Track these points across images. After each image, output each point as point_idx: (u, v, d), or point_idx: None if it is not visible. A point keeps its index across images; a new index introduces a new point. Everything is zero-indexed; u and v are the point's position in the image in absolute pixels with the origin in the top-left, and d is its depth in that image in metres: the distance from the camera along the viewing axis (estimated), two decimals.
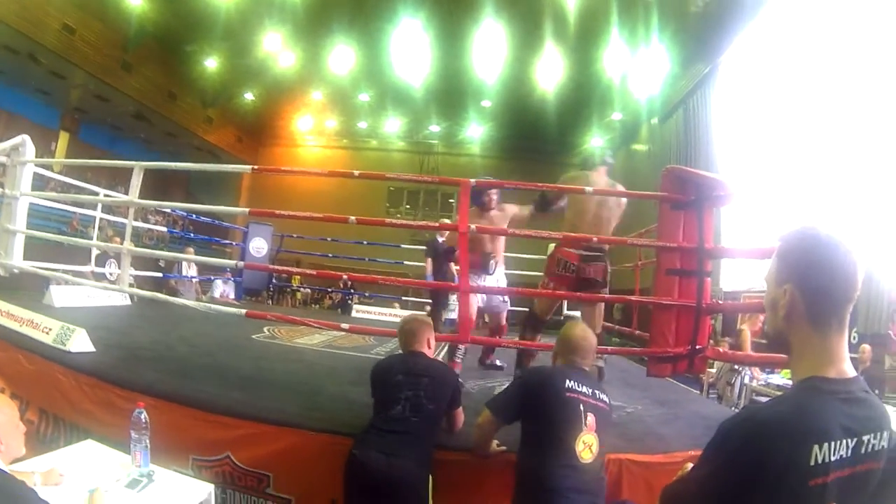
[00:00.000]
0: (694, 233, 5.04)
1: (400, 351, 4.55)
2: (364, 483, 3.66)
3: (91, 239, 11.77)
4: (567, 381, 3.63)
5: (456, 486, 4.10)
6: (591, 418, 3.54)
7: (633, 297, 5.67)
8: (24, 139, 7.85)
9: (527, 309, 6.84)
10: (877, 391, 9.04)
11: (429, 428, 3.95)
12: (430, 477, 3.75)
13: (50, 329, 6.03)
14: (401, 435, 3.78)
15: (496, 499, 3.81)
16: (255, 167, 7.06)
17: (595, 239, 5.68)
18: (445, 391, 4.15)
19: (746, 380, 10.94)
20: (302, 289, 27.38)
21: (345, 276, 4.44)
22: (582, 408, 3.55)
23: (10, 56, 23.33)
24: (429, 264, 10.93)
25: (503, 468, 3.89)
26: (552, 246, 6.39)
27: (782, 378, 10.33)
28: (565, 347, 3.99)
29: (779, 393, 9.89)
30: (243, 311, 6.61)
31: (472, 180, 5.58)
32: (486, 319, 8.72)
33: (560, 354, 4.02)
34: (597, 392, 3.70)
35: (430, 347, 4.47)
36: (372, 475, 3.62)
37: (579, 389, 3.62)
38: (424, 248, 11.79)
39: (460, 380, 4.77)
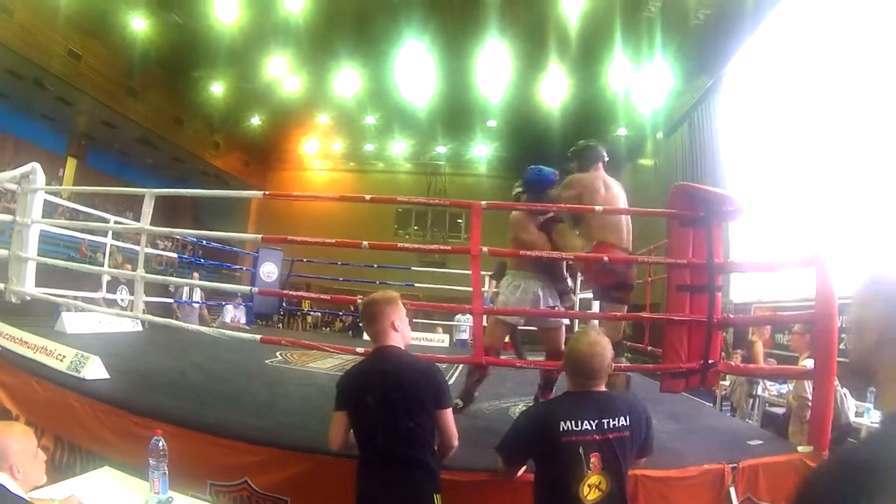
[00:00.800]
0: (703, 248, 5.06)
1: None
2: (368, 498, 3.60)
3: (101, 265, 11.81)
4: (563, 424, 3.37)
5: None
6: (594, 459, 3.31)
7: (644, 315, 5.65)
8: (35, 167, 7.88)
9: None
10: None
11: (417, 449, 3.61)
12: (439, 496, 3.57)
13: (64, 356, 6.03)
14: (389, 461, 3.56)
15: None
16: (267, 193, 7.11)
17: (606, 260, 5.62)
18: (423, 394, 3.68)
19: (759, 391, 10.92)
20: (312, 312, 27.34)
21: (359, 300, 4.41)
22: (582, 451, 3.31)
23: (16, 82, 23.42)
24: (491, 286, 10.30)
25: (520, 487, 3.78)
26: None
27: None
28: (571, 367, 3.65)
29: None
30: (258, 336, 6.62)
31: (483, 202, 5.61)
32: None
33: (568, 375, 3.72)
34: (608, 422, 3.40)
35: (396, 330, 3.89)
36: (374, 493, 3.56)
37: (579, 429, 3.36)
38: (494, 271, 10.70)
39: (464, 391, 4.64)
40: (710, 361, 5.05)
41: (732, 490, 4.33)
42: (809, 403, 6.32)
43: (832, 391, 4.83)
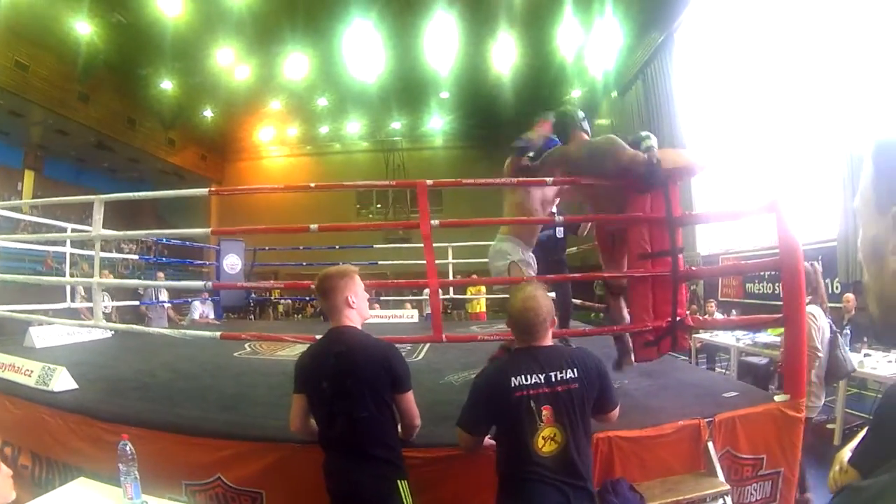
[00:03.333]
0: (662, 209, 5.03)
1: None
2: (336, 496, 3.58)
3: (65, 276, 11.69)
4: (513, 379, 3.35)
5: (437, 482, 4.05)
6: (546, 411, 3.29)
7: (605, 274, 5.60)
8: None
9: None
10: (864, 339, 9.06)
11: (378, 435, 3.56)
12: (405, 482, 3.52)
13: (31, 371, 5.95)
14: (349, 452, 3.52)
15: (482, 490, 3.67)
16: (211, 189, 7.04)
17: (562, 219, 5.59)
18: (378, 380, 3.57)
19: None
20: (283, 300, 27.26)
21: (313, 285, 4.34)
22: (533, 404, 3.30)
23: None
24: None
25: (488, 460, 3.64)
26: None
27: (769, 335, 10.36)
28: (511, 324, 3.61)
29: (767, 352, 9.94)
30: (218, 333, 6.55)
31: (429, 181, 5.54)
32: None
33: (513, 333, 3.66)
34: (555, 374, 3.36)
35: (351, 306, 3.76)
36: (340, 492, 3.55)
37: (529, 383, 3.34)
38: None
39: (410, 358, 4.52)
40: (678, 319, 5.03)
41: (710, 444, 4.33)
42: (819, 354, 6.33)
43: (804, 336, 4.81)
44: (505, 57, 25.86)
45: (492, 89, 28.54)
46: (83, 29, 23.66)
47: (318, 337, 4.00)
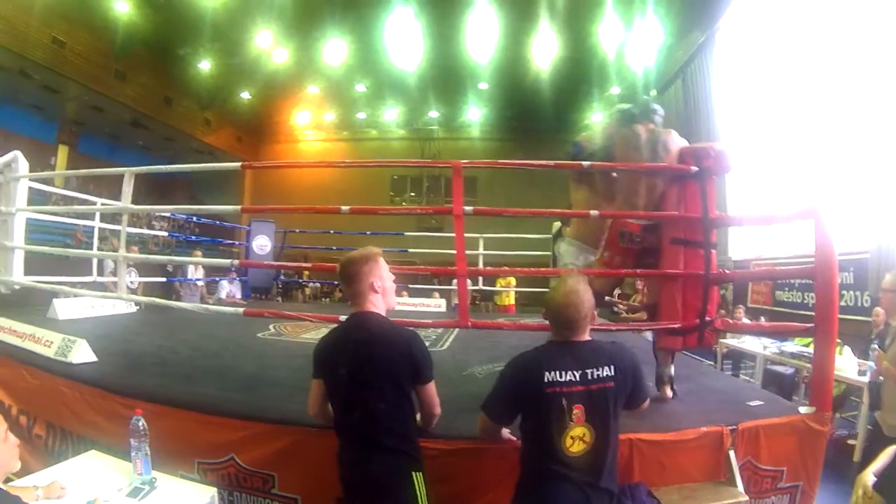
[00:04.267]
0: (698, 203, 4.94)
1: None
2: (349, 484, 3.50)
3: (98, 250, 11.74)
4: (547, 374, 3.23)
5: (452, 475, 3.98)
6: (577, 410, 3.19)
7: (639, 271, 5.48)
8: (16, 155, 7.80)
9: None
10: (873, 350, 8.91)
11: (394, 426, 3.44)
12: (419, 474, 3.41)
13: (51, 342, 6.00)
14: (364, 442, 3.42)
15: (498, 484, 3.62)
16: (244, 163, 6.97)
17: (596, 213, 5.40)
18: (397, 371, 3.45)
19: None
20: (310, 283, 27.29)
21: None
22: (565, 402, 3.19)
23: (1, 74, 23.38)
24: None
25: (505, 454, 3.68)
26: (558, 223, 6.13)
27: (796, 345, 10.22)
28: (550, 317, 3.50)
29: (794, 362, 9.80)
30: (241, 310, 6.53)
31: (464, 161, 5.46)
32: None
33: (550, 325, 3.54)
34: (591, 372, 3.26)
35: (377, 291, 3.62)
36: (353, 481, 3.47)
37: (562, 380, 3.22)
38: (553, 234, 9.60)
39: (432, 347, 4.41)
40: (707, 319, 4.93)
41: (732, 453, 4.24)
42: None
43: (833, 348, 4.71)
44: (545, 51, 25.72)
45: (531, 83, 28.39)
46: (121, 7, 23.81)
47: (342, 318, 3.95)
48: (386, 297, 3.69)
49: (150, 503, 3.38)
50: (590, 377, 3.23)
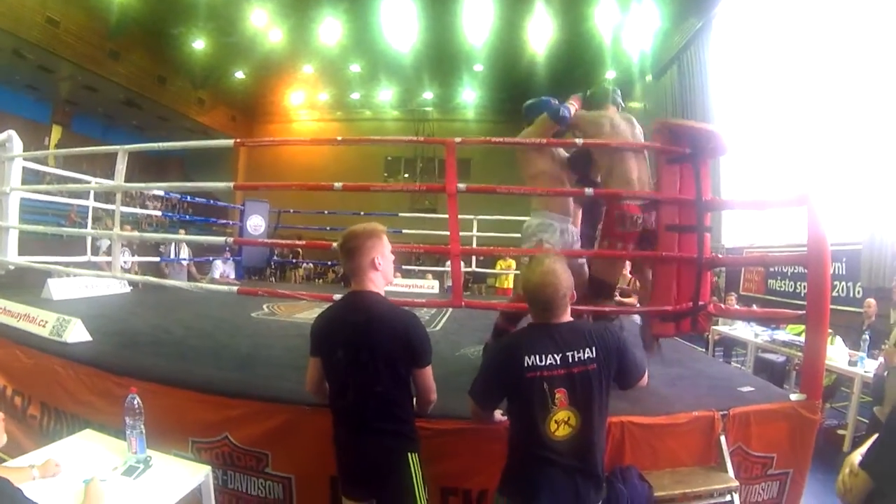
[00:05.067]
0: (691, 186, 4.94)
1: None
2: (344, 465, 3.51)
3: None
4: (526, 359, 3.17)
5: (447, 454, 4.02)
6: (560, 394, 3.12)
7: (630, 253, 5.44)
8: (10, 134, 7.78)
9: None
10: (884, 346, 8.83)
11: (390, 409, 3.42)
12: (415, 455, 3.42)
13: (46, 322, 6.02)
14: (359, 424, 3.41)
15: (492, 464, 3.51)
16: (237, 140, 6.95)
17: (591, 191, 5.35)
18: (395, 354, 3.38)
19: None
20: (304, 264, 27.30)
21: (334, 244, 4.32)
22: (546, 386, 3.12)
23: None
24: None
25: (499, 434, 3.55)
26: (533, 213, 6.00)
27: (788, 334, 10.25)
28: (527, 299, 3.41)
29: (785, 350, 9.83)
30: (234, 288, 6.54)
31: (457, 139, 5.46)
32: None
33: (528, 307, 3.45)
34: (572, 355, 3.17)
35: (377, 268, 3.55)
36: (348, 462, 3.49)
37: (542, 364, 3.15)
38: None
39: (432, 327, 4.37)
40: (700, 303, 4.95)
41: (723, 438, 4.28)
42: None
43: (825, 335, 4.72)
44: (541, 33, 25.67)
45: (526, 66, 28.32)
46: None
47: (336, 297, 3.88)
48: (385, 274, 3.62)
49: (144, 481, 3.39)
50: (571, 360, 3.17)
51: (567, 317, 3.35)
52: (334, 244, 3.99)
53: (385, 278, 3.63)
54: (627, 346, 3.38)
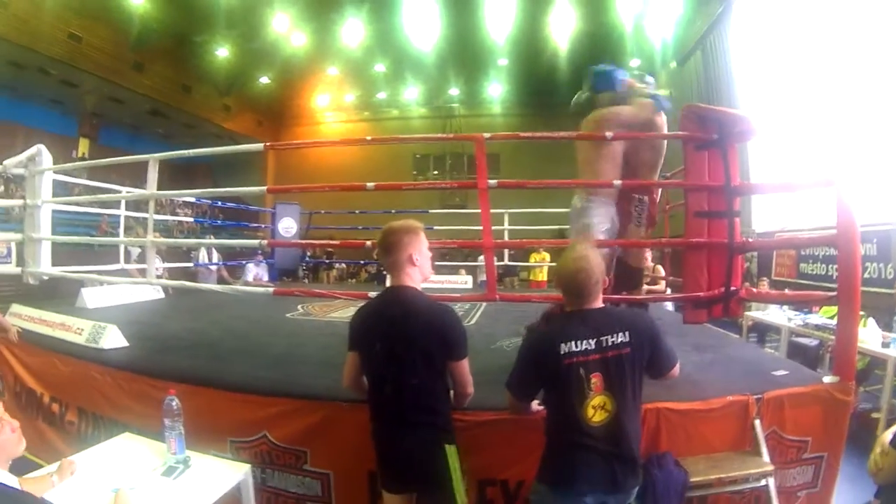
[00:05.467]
0: (720, 171, 4.93)
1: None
2: (383, 459, 3.53)
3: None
4: (563, 346, 3.20)
5: (484, 446, 4.03)
6: (595, 379, 3.15)
7: (664, 240, 5.41)
8: (40, 148, 7.85)
9: None
10: None
11: (427, 402, 3.44)
12: (452, 447, 3.41)
13: (82, 329, 6.11)
14: (397, 418, 3.44)
15: (529, 455, 3.55)
16: (268, 144, 6.97)
17: (619, 182, 5.23)
18: (431, 347, 3.40)
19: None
20: (337, 264, 27.35)
21: (368, 243, 4.33)
22: (583, 372, 3.16)
23: (19, 72, 23.83)
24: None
25: (535, 425, 3.53)
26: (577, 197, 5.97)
27: (821, 317, 10.17)
28: (561, 286, 3.48)
29: (818, 334, 9.75)
30: (271, 289, 6.58)
31: (486, 134, 5.45)
32: None
33: (562, 294, 3.51)
34: (606, 339, 3.21)
35: (414, 264, 3.57)
36: (387, 456, 3.50)
37: (578, 349, 3.19)
38: None
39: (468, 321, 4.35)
40: (732, 288, 4.93)
41: (757, 423, 4.25)
42: None
43: (857, 316, 4.67)
44: (563, 25, 25.60)
45: (550, 58, 28.31)
46: None
47: (372, 295, 3.95)
48: (423, 269, 3.64)
49: (184, 481, 3.42)
50: (605, 344, 3.20)
51: (600, 303, 3.39)
52: (368, 242, 4.03)
53: (422, 273, 3.65)
54: (660, 334, 3.39)
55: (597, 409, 3.16)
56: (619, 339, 3.21)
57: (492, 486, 4.17)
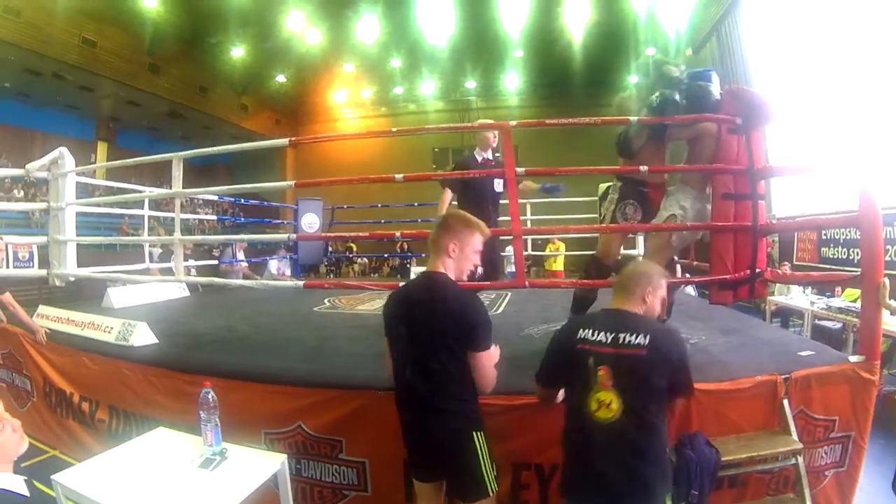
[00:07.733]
0: (744, 155, 4.96)
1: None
2: (410, 448, 3.56)
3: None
4: (581, 331, 3.25)
5: (514, 431, 4.09)
6: (603, 372, 3.09)
7: (688, 224, 5.40)
8: (62, 151, 7.92)
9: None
10: None
11: (449, 388, 3.39)
12: (480, 433, 3.40)
13: (111, 328, 6.18)
14: (420, 404, 3.44)
15: (558, 442, 3.44)
16: (292, 139, 7.00)
17: (645, 168, 5.25)
18: (454, 329, 3.34)
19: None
20: (359, 258, 27.38)
21: (397, 234, 4.36)
22: (592, 361, 3.13)
23: (35, 79, 24.01)
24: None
25: (560, 411, 3.48)
26: (604, 186, 6.00)
27: (843, 301, 10.16)
28: (616, 281, 3.59)
29: (841, 317, 9.73)
30: (301, 282, 6.64)
31: (512, 122, 5.45)
32: None
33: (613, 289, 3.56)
34: (623, 336, 3.16)
35: (450, 255, 3.54)
36: (414, 443, 3.55)
37: (593, 339, 3.19)
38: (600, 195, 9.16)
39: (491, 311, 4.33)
40: (757, 270, 4.96)
41: (786, 402, 4.29)
42: None
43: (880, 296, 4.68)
44: (578, 13, 25.49)
45: (565, 48, 28.17)
46: (149, 1, 23.87)
47: (401, 285, 3.97)
48: (459, 264, 3.59)
49: (221, 472, 3.43)
50: (621, 341, 3.16)
51: (638, 310, 3.38)
52: (398, 233, 4.06)
53: (457, 267, 3.60)
54: (687, 356, 3.29)
55: (602, 404, 3.09)
56: (637, 341, 3.15)
57: (526, 469, 4.22)
